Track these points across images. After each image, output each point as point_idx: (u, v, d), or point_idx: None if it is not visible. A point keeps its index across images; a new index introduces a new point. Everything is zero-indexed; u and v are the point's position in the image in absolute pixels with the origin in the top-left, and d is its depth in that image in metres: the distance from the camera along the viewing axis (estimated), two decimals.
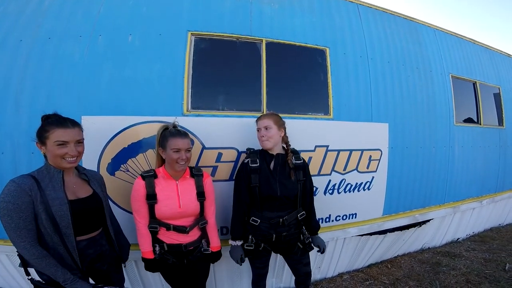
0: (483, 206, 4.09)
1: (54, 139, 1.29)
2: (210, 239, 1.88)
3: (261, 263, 2.10)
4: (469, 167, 3.72)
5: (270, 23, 2.57)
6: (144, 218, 1.71)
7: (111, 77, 2.13)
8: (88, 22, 2.19)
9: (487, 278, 2.91)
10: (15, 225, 1.23)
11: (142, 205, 1.68)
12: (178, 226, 1.72)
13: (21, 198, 1.23)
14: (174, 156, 1.64)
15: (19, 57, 2.11)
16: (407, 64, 3.20)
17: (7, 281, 2.45)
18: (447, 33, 3.80)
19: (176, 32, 2.30)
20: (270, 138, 1.90)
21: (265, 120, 1.92)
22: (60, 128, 1.31)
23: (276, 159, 1.96)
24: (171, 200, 1.70)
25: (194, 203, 1.75)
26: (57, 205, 1.30)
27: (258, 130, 1.97)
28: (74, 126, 1.37)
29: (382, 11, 3.22)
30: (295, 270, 2.11)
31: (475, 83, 3.94)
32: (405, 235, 3.33)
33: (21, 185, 1.24)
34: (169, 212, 1.69)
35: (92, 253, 1.46)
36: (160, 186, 1.70)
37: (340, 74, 2.73)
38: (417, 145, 3.16)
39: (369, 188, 2.81)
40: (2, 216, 1.23)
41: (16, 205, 1.22)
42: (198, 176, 1.80)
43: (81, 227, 1.39)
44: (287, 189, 1.90)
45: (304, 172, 1.99)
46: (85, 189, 1.47)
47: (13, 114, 2.05)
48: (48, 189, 1.30)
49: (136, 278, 2.42)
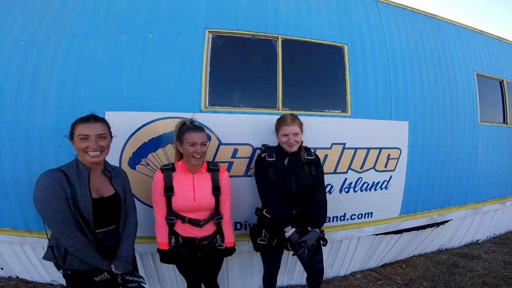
0: (506, 207, 3.95)
1: (78, 133, 1.39)
2: (225, 234, 1.90)
3: (273, 259, 2.13)
4: (493, 168, 3.59)
5: (286, 20, 2.57)
6: (162, 210, 1.78)
7: (132, 74, 2.20)
8: (110, 20, 2.26)
9: (505, 281, 2.82)
10: (61, 217, 1.29)
11: (160, 197, 1.76)
12: (193, 219, 1.77)
13: (59, 191, 1.30)
14: (190, 149, 1.70)
15: (46, 54, 2.21)
16: (429, 62, 3.10)
17: (30, 272, 2.59)
18: (472, 30, 3.66)
19: (194, 30, 2.33)
20: (298, 143, 1.95)
21: (294, 127, 1.93)
22: (83, 123, 1.40)
23: (291, 156, 2.00)
24: (186, 193, 1.76)
25: (209, 197, 1.80)
26: (82, 201, 1.37)
27: (284, 136, 1.94)
28: (97, 121, 1.44)
29: (402, 8, 3.15)
30: (307, 267, 2.12)
31: (502, 81, 3.78)
32: (422, 235, 3.26)
33: (55, 179, 1.31)
34: (184, 205, 1.75)
35: (107, 245, 1.51)
36: (177, 179, 1.77)
37: (358, 71, 2.69)
38: (438, 144, 3.07)
39: (386, 187, 2.77)
40: (45, 209, 1.28)
41: (57, 198, 1.29)
42: (214, 171, 1.85)
43: (100, 222, 1.47)
44: (301, 183, 1.94)
45: (316, 167, 2.01)
46: (108, 188, 1.54)
47: (41, 109, 2.16)
48: (76, 185, 1.38)
49: (152, 271, 2.50)
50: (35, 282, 2.60)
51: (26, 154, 2.15)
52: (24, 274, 2.61)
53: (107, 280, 1.47)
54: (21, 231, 2.27)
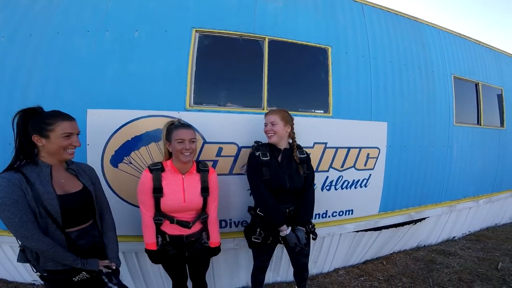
0: (480, 205, 4.12)
1: (61, 131, 1.33)
2: (210, 234, 1.88)
3: (266, 256, 2.17)
4: (467, 167, 3.75)
5: (274, 21, 2.60)
6: (150, 211, 1.74)
7: (116, 71, 2.19)
8: (96, 18, 2.23)
9: (479, 277, 2.96)
10: (19, 220, 1.22)
11: (148, 198, 1.71)
12: (181, 221, 1.76)
13: (16, 193, 1.22)
14: (178, 146, 1.68)
15: (28, 51, 2.16)
16: (409, 64, 3.21)
17: (10, 272, 2.53)
18: (451, 33, 3.79)
19: (181, 29, 2.34)
20: (275, 133, 1.99)
21: (272, 116, 2.00)
22: (66, 121, 1.36)
23: (283, 153, 2.04)
24: (176, 194, 1.73)
25: (198, 198, 1.78)
26: (47, 199, 1.30)
27: (265, 125, 2.04)
28: (73, 118, 1.42)
29: (386, 11, 3.23)
30: (294, 261, 2.18)
31: (478, 84, 3.94)
32: (400, 232, 3.38)
33: (11, 180, 1.23)
34: (174, 206, 1.73)
35: (84, 243, 1.46)
36: (167, 180, 1.73)
37: (341, 73, 2.76)
38: (415, 144, 3.20)
39: (366, 185, 2.86)
40: (2, 212, 1.21)
41: (13, 200, 1.21)
42: (204, 171, 1.83)
43: (71, 220, 1.40)
44: (294, 181, 1.99)
45: (307, 165, 2.08)
46: (74, 183, 1.46)
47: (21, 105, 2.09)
48: (37, 183, 1.30)
49: (136, 269, 2.48)
50: (16, 282, 2.55)
51: (6, 152, 2.09)
52: (4, 274, 2.55)
53: (87, 279, 1.42)
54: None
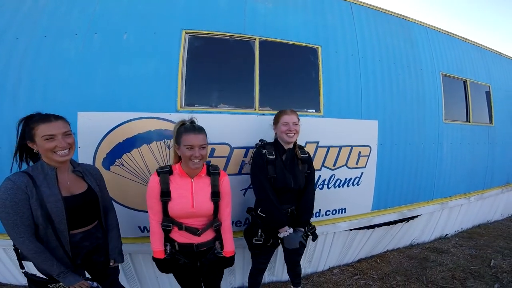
0: (471, 202, 4.17)
1: (41, 134, 1.33)
2: (224, 243, 1.76)
3: (266, 258, 2.18)
4: (457, 164, 3.80)
5: (264, 22, 2.61)
6: (157, 216, 1.65)
7: (106, 74, 2.18)
8: (83, 20, 2.22)
9: (472, 274, 2.99)
10: (12, 222, 1.28)
11: (156, 202, 1.62)
12: (190, 227, 1.65)
13: (18, 196, 1.28)
14: (187, 153, 1.56)
15: (15, 54, 2.15)
16: (398, 63, 3.25)
17: (3, 274, 2.50)
18: (439, 31, 3.85)
19: (171, 31, 2.34)
20: (297, 132, 2.02)
21: (294, 116, 2.03)
22: (44, 123, 1.35)
23: (288, 153, 2.06)
24: (184, 199, 1.62)
25: (208, 204, 1.66)
26: (52, 201, 1.34)
27: (284, 124, 2.01)
28: (57, 119, 1.40)
29: (375, 9, 3.27)
30: (288, 257, 2.21)
31: (466, 81, 4.00)
32: (393, 230, 3.40)
33: (17, 183, 1.29)
34: (182, 211, 1.63)
35: (88, 245, 1.52)
36: (175, 183, 1.64)
37: (331, 72, 2.79)
38: (406, 142, 3.23)
39: (358, 183, 2.88)
40: (0, 212, 1.28)
41: (13, 202, 1.27)
42: (215, 174, 1.71)
43: (76, 222, 1.45)
44: (298, 181, 2.01)
45: (309, 165, 2.10)
46: (79, 185, 1.50)
47: (10, 109, 2.10)
48: (43, 186, 1.35)
49: (131, 271, 2.47)
50: (10, 285, 2.53)
51: None
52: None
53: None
54: None
